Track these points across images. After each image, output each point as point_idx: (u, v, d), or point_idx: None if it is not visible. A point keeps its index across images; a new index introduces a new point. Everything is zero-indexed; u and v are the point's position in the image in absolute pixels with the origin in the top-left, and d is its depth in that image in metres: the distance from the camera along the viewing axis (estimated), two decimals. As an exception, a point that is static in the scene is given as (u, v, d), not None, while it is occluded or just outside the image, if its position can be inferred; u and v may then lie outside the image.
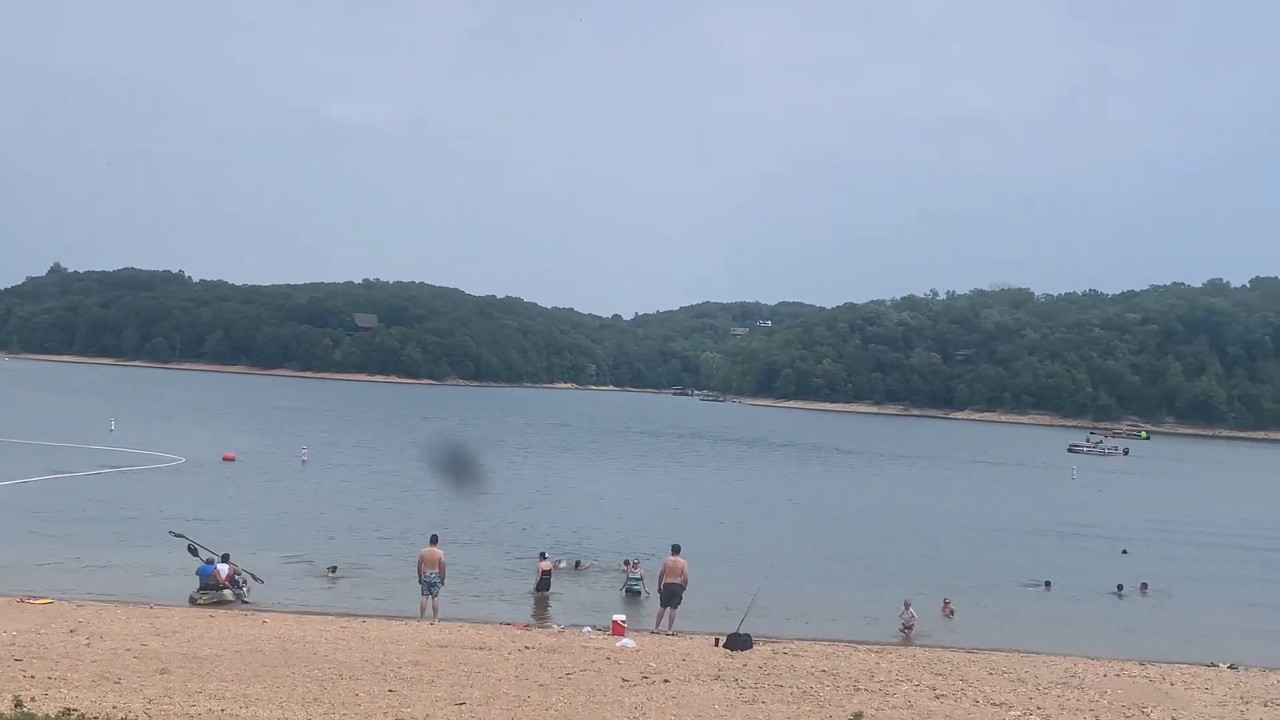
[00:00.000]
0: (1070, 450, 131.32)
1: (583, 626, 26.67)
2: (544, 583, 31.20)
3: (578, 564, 35.91)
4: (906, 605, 29.02)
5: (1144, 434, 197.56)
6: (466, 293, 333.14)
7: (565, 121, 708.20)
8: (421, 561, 27.56)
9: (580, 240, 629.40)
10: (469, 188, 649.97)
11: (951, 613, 31.34)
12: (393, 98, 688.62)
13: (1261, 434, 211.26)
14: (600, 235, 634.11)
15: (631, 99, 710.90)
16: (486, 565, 35.57)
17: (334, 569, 32.36)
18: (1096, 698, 20.43)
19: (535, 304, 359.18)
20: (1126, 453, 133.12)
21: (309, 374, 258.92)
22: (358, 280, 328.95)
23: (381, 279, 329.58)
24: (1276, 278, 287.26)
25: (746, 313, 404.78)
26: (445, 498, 52.01)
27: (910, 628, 28.56)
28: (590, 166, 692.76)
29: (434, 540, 28.31)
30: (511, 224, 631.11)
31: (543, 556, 32.09)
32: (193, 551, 29.39)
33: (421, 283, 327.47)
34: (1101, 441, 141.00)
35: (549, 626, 26.99)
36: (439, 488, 55.25)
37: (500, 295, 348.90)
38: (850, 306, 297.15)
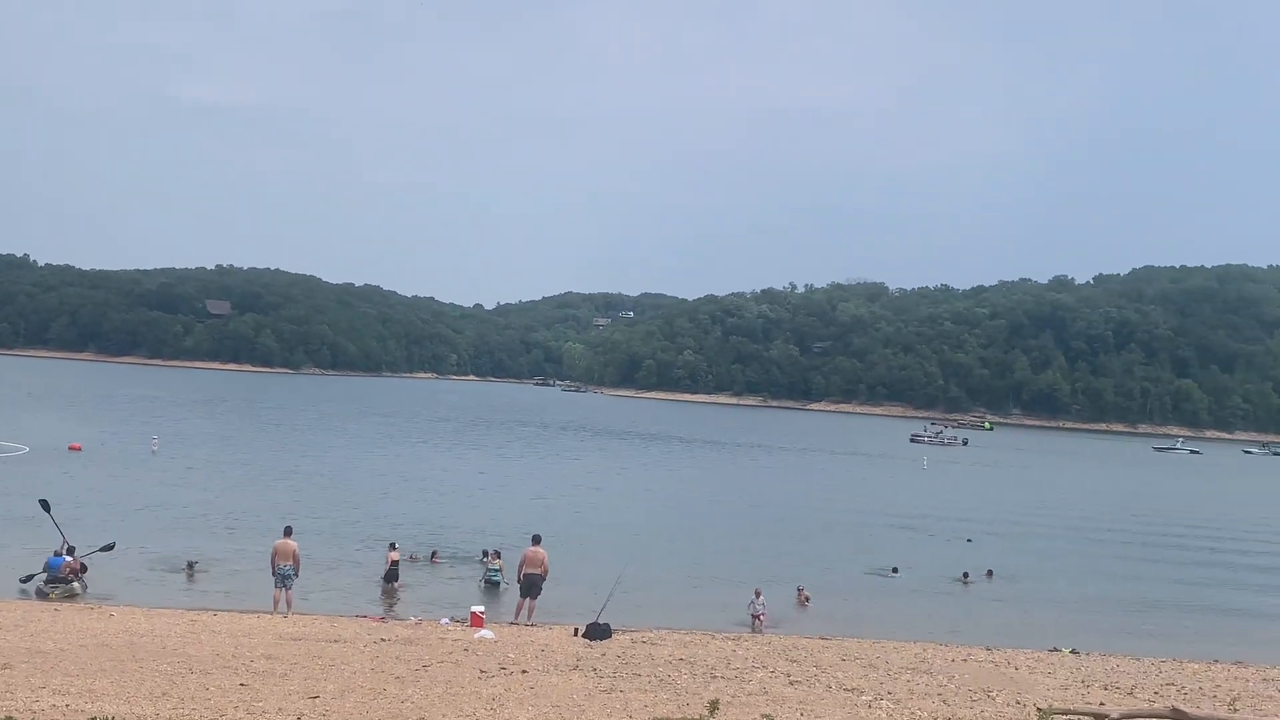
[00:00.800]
0: (912, 440, 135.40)
1: (441, 618, 26.46)
2: (393, 573, 30.80)
3: (433, 555, 35.53)
4: (757, 594, 29.38)
5: (987, 425, 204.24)
6: (324, 280, 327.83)
7: (426, 109, 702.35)
8: (275, 553, 27.02)
9: (442, 229, 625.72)
10: (327, 173, 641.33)
11: (806, 600, 31.88)
12: (247, 81, 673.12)
13: (1103, 425, 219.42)
14: (462, 224, 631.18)
15: (492, 88, 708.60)
16: (341, 557, 35.08)
17: (192, 564, 31.40)
18: (945, 682, 20.94)
19: (395, 292, 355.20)
20: (965, 443, 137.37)
21: (159, 361, 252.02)
22: (210, 266, 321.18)
23: (235, 265, 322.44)
24: (1118, 274, 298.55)
25: (609, 303, 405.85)
26: (298, 489, 51.22)
27: (759, 617, 28.87)
28: (453, 154, 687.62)
29: (288, 532, 27.81)
30: (371, 211, 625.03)
31: (392, 547, 31.68)
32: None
33: (277, 269, 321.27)
34: (941, 432, 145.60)
35: (406, 618, 26.69)
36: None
37: (359, 283, 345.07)
38: (711, 298, 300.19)
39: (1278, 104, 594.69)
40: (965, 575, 38.46)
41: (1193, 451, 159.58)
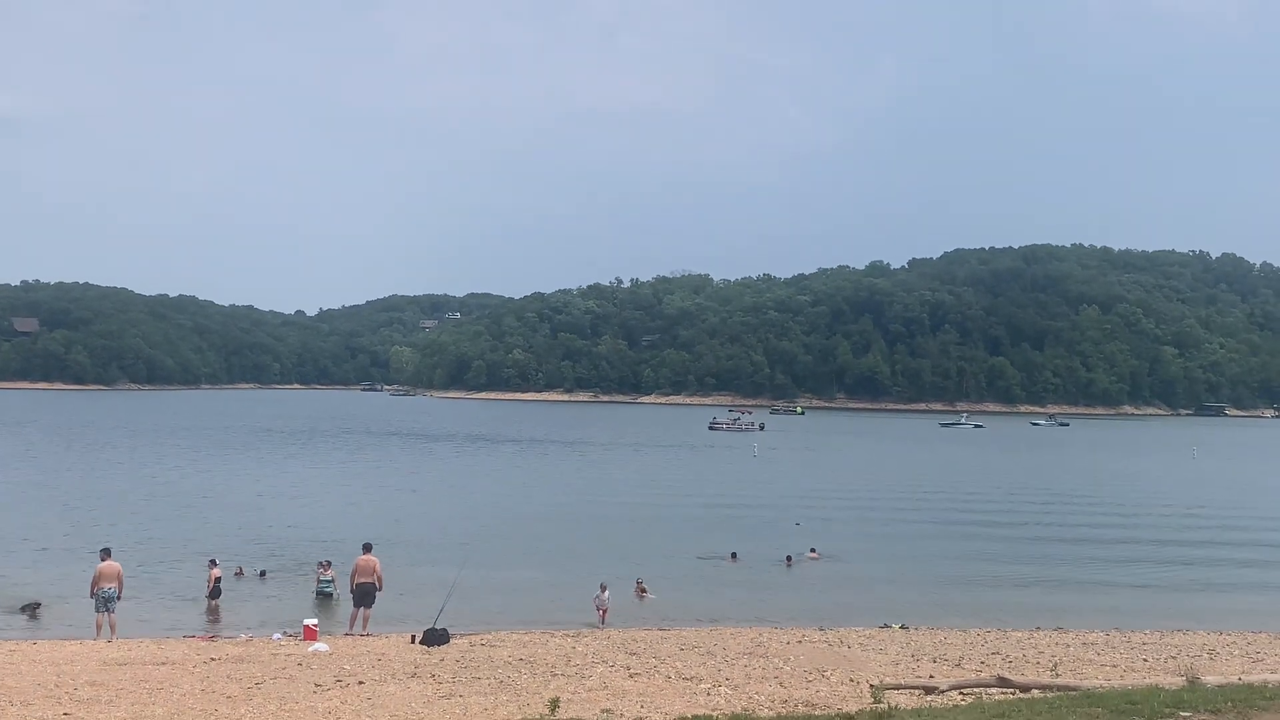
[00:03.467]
0: (710, 428, 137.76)
1: (272, 633, 25.83)
2: (215, 590, 29.92)
3: (261, 572, 34.50)
4: (603, 588, 29.44)
5: (799, 410, 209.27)
6: (136, 292, 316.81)
7: (240, 114, 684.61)
8: (98, 576, 25.92)
9: (257, 236, 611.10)
10: (134, 183, 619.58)
11: (644, 592, 32.07)
12: (43, 89, 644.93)
13: (922, 405, 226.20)
14: (278, 230, 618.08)
15: (304, 90, 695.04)
16: (162, 576, 33.92)
17: (34, 607, 29.26)
18: (781, 664, 21.33)
19: (212, 302, 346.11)
20: (762, 427, 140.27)
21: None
22: (15, 282, 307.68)
23: (41, 280, 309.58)
24: (931, 258, 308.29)
25: (435, 305, 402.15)
26: (112, 509, 49.39)
27: (604, 611, 28.93)
28: (268, 159, 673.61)
29: (107, 553, 26.72)
30: (183, 220, 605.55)
31: (213, 564, 30.75)
32: None
33: (86, 283, 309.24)
34: (739, 418, 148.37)
35: (236, 636, 25.96)
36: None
37: (173, 294, 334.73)
38: (538, 296, 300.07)
39: (1073, 86, 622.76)
40: (789, 559, 39.18)
41: (976, 426, 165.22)
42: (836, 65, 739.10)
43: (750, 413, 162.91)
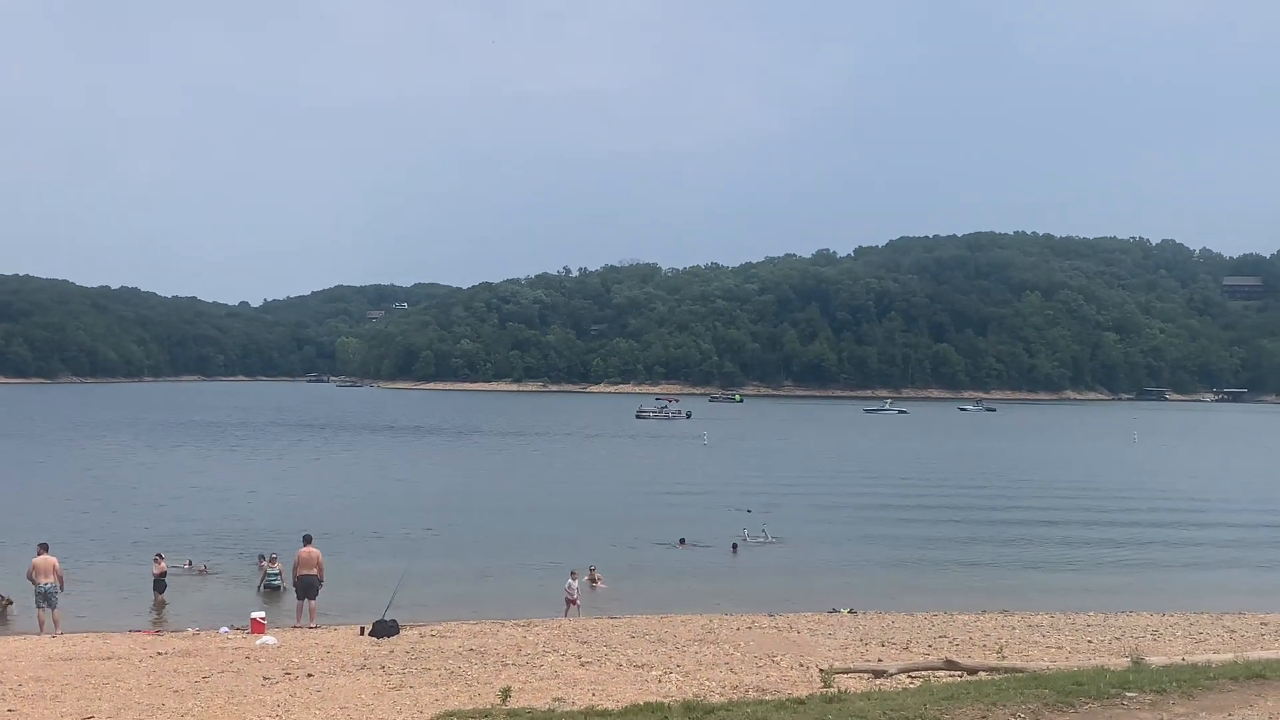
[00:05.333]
0: (638, 416, 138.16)
1: (220, 627, 25.59)
2: (159, 584, 29.60)
3: (203, 568, 34.05)
4: (573, 575, 29.43)
5: (737, 397, 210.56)
6: (78, 284, 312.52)
7: (181, 103, 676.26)
8: (35, 571, 25.52)
9: (202, 226, 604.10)
10: (76, 173, 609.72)
11: (595, 580, 32.05)
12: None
13: (868, 392, 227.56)
14: (222, 221, 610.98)
15: (251, 80, 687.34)
16: (107, 570, 33.54)
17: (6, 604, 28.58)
18: (731, 650, 21.39)
19: (154, 294, 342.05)
20: (689, 415, 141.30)
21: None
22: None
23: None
24: (877, 246, 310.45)
25: (382, 295, 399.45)
26: (54, 502, 48.73)
27: (574, 601, 28.83)
28: (210, 149, 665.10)
29: (44, 548, 26.29)
30: (124, 210, 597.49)
31: (158, 558, 30.42)
32: None
33: (26, 275, 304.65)
34: (666, 406, 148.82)
35: (183, 630, 25.69)
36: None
37: (115, 286, 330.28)
38: (486, 286, 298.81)
39: (1018, 74, 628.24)
40: (734, 547, 39.34)
41: (900, 411, 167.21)
42: (784, 52, 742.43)
43: (677, 400, 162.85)
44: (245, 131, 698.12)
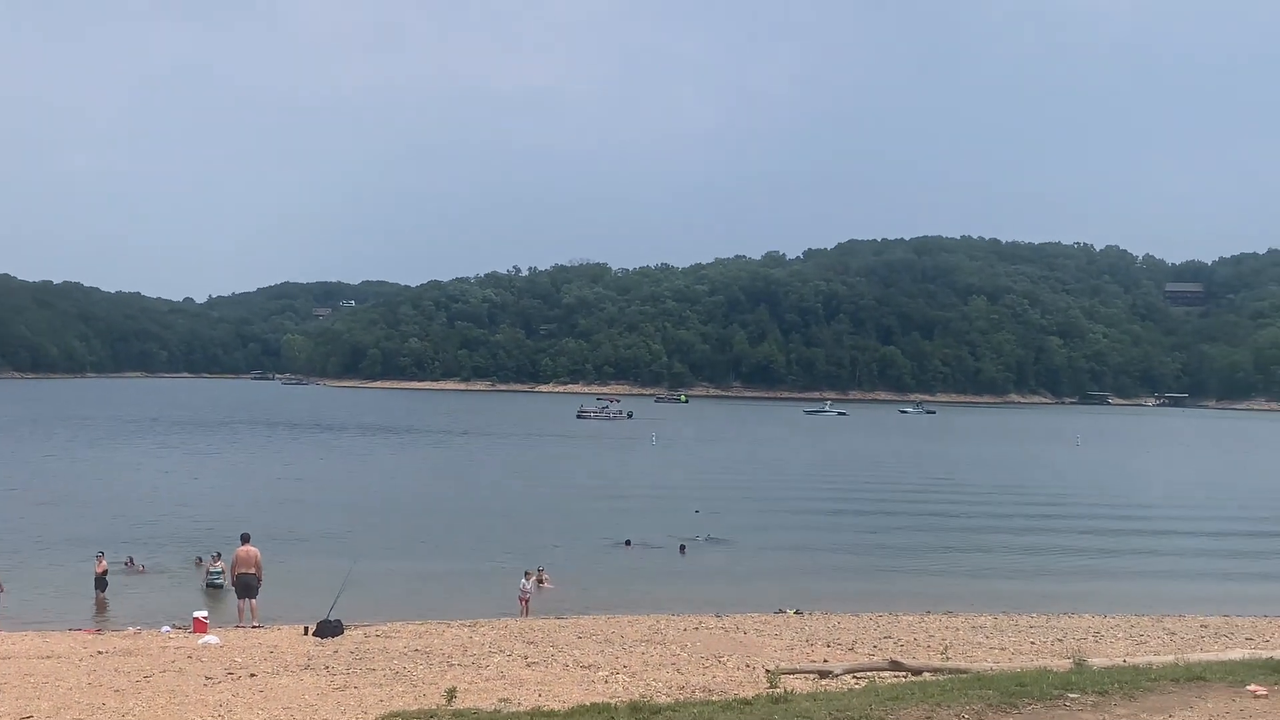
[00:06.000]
0: (579, 416, 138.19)
1: (161, 626, 25.28)
2: (100, 582, 29.22)
3: (142, 567, 33.58)
4: (528, 575, 29.26)
5: (683, 398, 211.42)
6: (19, 279, 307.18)
7: (127, 95, 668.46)
8: None
9: (146, 221, 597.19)
10: (16, 166, 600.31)
11: (542, 581, 31.97)
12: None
13: (816, 394, 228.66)
14: (168, 215, 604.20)
15: (198, 73, 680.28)
16: (47, 569, 33.06)
17: None
18: (678, 651, 21.41)
19: (97, 289, 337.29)
20: (630, 415, 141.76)
21: None
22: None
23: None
24: (826, 248, 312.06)
25: (329, 292, 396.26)
26: None
27: (527, 599, 28.76)
28: (156, 142, 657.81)
29: None
30: (66, 204, 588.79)
31: (100, 556, 30.04)
32: None
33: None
34: (607, 406, 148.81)
35: (124, 629, 25.36)
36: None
37: (58, 281, 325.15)
38: (435, 284, 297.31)
39: (968, 83, 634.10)
40: (682, 547, 39.42)
41: (840, 413, 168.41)
42: (736, 52, 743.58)
43: (618, 400, 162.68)
44: (191, 125, 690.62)
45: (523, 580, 29.13)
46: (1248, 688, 12.50)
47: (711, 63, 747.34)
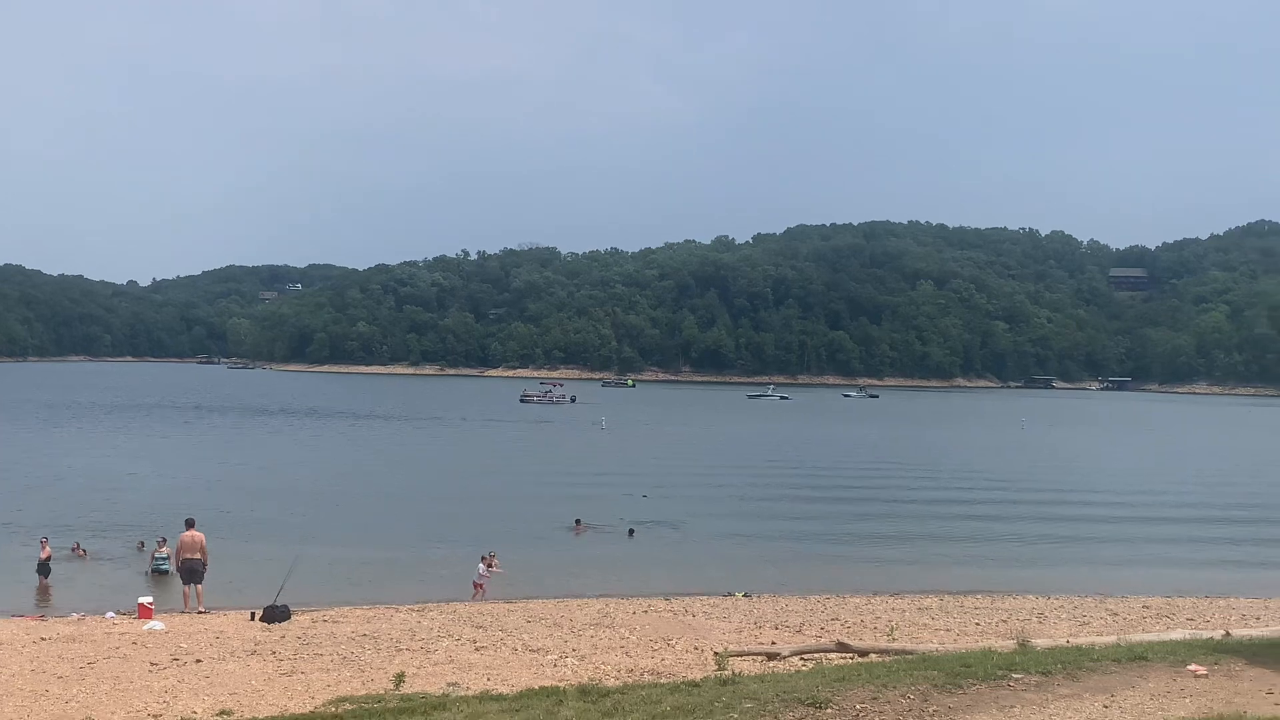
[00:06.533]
0: (522, 400, 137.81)
1: (106, 612, 25.01)
2: (44, 568, 28.84)
3: (84, 552, 33.09)
4: (484, 560, 29.14)
5: (630, 382, 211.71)
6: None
7: (72, 76, 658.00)
8: None
9: (90, 203, 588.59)
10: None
11: (492, 565, 31.87)
12: None
13: (765, 378, 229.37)
14: (112, 198, 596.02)
15: (144, 54, 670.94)
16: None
17: None
18: (627, 634, 21.47)
19: (39, 271, 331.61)
20: (573, 400, 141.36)
21: None
22: None
23: None
24: (775, 233, 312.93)
25: (275, 276, 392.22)
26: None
27: (481, 585, 28.66)
28: (100, 124, 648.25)
29: None
30: (9, 188, 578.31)
31: (44, 541, 29.64)
32: None
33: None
34: (550, 390, 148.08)
35: (68, 615, 25.06)
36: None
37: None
38: (383, 268, 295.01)
39: (915, 66, 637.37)
40: (631, 531, 39.51)
41: (782, 398, 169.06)
42: (689, 38, 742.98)
43: (561, 385, 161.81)
44: (136, 106, 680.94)
45: (479, 565, 29.06)
46: (1188, 667, 12.69)
47: (663, 48, 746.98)
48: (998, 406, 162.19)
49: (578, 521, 39.98)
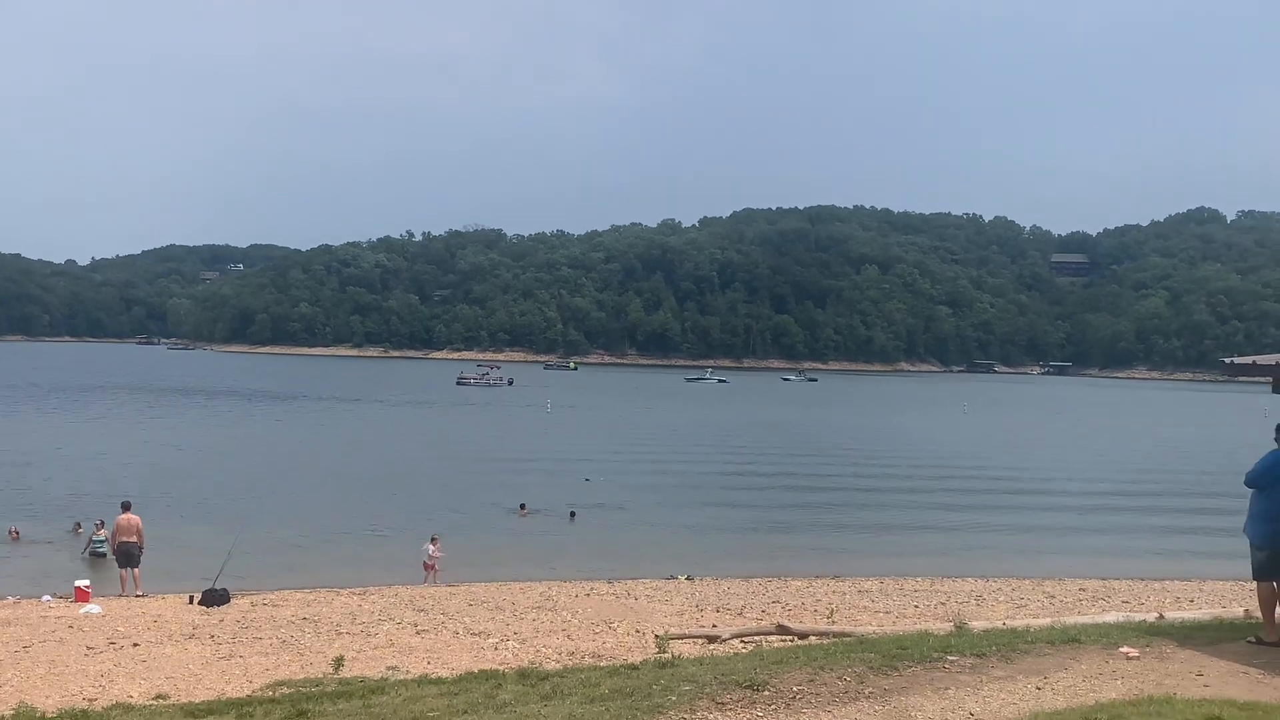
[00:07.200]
0: (458, 383, 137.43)
1: (42, 595, 24.69)
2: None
3: (16, 533, 32.65)
4: (434, 541, 29.06)
5: (572, 365, 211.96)
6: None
7: (9, 51, 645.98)
8: None
9: (27, 180, 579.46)
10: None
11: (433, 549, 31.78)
12: None
13: (710, 362, 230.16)
14: (50, 175, 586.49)
15: (84, 31, 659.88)
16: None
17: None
18: (569, 617, 21.50)
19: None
20: (510, 383, 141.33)
21: None
22: None
23: None
24: (721, 217, 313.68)
25: (216, 256, 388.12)
26: None
27: (433, 567, 28.52)
28: (38, 100, 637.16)
29: None
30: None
31: None
32: None
33: None
34: (488, 373, 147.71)
35: (3, 598, 24.70)
36: None
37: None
38: (326, 249, 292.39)
39: (862, 56, 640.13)
40: (572, 514, 39.54)
41: (720, 381, 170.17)
42: (637, 22, 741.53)
43: (499, 367, 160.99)
44: (76, 83, 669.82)
45: (428, 545, 28.94)
46: (1120, 649, 12.86)
47: (614, 32, 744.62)
48: (941, 391, 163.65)
49: (522, 506, 39.95)
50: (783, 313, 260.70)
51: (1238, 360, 14.12)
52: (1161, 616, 17.76)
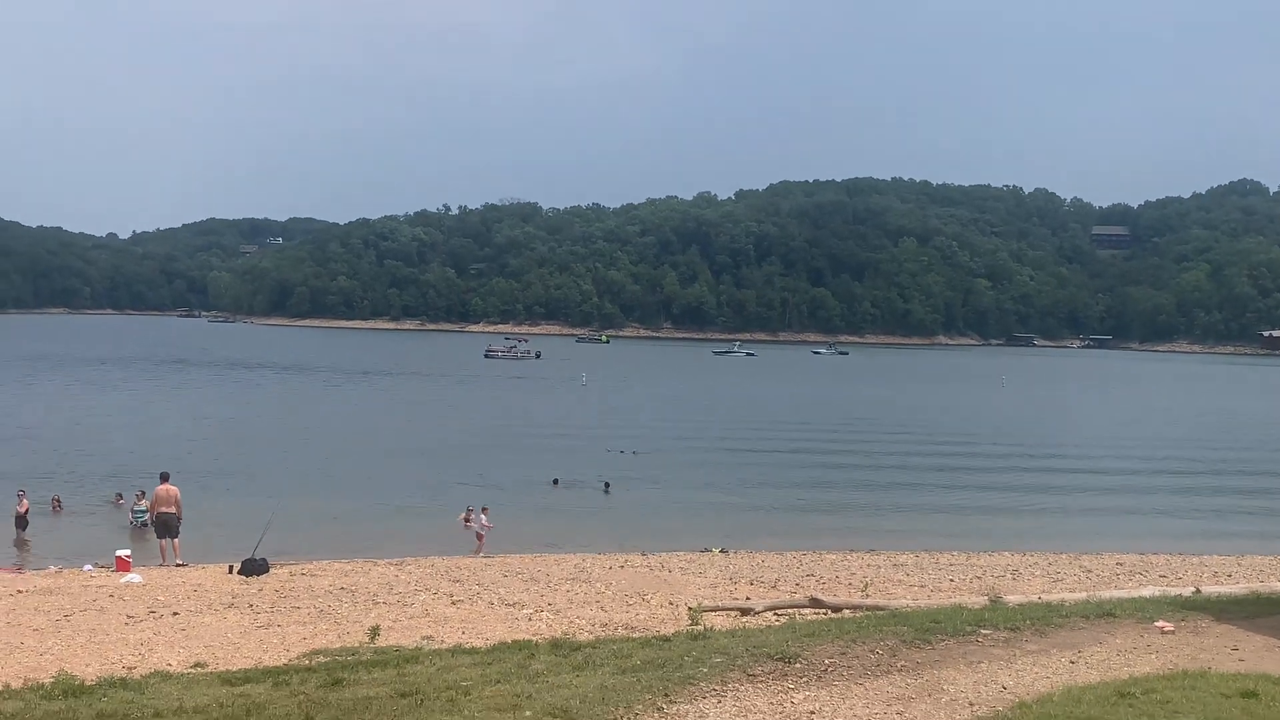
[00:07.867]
0: (486, 355, 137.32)
1: (84, 565, 25.00)
2: (22, 521, 28.77)
3: (58, 504, 32.96)
4: (483, 510, 29.16)
5: (604, 338, 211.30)
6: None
7: (49, 24, 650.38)
8: None
9: (68, 153, 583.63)
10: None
11: (470, 521, 31.90)
12: None
13: (746, 335, 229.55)
14: (91, 148, 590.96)
15: (118, 4, 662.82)
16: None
17: None
18: (603, 589, 21.59)
19: (17, 223, 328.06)
20: (538, 356, 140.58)
21: None
22: None
23: None
24: (758, 190, 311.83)
25: (256, 229, 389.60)
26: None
27: (481, 536, 28.74)
28: (79, 73, 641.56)
29: None
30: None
31: (21, 494, 29.54)
32: None
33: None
34: (515, 346, 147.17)
35: (45, 568, 25.03)
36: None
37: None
38: (364, 222, 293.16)
39: (902, 26, 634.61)
40: (606, 486, 39.64)
41: (748, 354, 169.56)
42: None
43: (526, 340, 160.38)
44: (117, 55, 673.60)
45: (480, 515, 29.14)
46: (1155, 624, 12.83)
47: (646, 5, 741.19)
48: (979, 364, 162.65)
49: (555, 480, 40.09)
50: (819, 286, 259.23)
51: (1278, 334, 13.96)
52: (1199, 591, 17.66)
